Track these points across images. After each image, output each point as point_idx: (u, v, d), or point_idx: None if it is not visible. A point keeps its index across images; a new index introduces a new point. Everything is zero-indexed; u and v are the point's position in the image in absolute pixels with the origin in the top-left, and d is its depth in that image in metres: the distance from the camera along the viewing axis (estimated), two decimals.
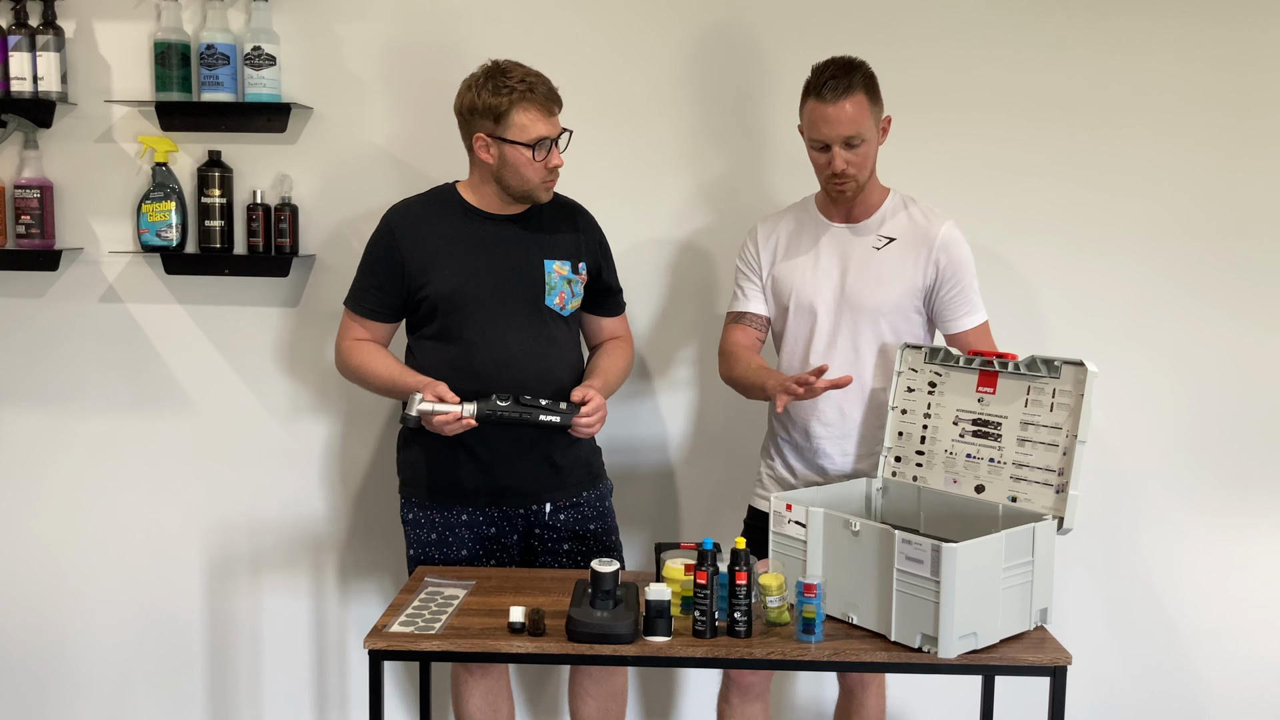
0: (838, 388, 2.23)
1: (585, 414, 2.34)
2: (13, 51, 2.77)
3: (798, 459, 2.50)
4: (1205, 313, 2.88)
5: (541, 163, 2.37)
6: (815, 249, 2.45)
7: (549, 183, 2.41)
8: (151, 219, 2.83)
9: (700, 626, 1.99)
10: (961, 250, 2.40)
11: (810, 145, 2.36)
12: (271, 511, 3.01)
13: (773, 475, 2.55)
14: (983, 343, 2.41)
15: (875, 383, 2.43)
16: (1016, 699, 2.66)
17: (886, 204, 2.45)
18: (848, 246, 2.43)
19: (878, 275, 2.40)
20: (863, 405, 2.43)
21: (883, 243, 2.42)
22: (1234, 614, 2.97)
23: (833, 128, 2.29)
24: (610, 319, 2.64)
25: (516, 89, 2.33)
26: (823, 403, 2.43)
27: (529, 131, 2.34)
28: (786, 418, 2.50)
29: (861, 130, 2.30)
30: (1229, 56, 2.80)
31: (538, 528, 2.51)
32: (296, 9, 2.84)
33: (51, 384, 2.97)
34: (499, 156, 2.38)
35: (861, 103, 2.30)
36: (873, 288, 2.39)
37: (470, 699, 2.53)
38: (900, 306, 2.40)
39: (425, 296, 2.43)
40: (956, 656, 1.91)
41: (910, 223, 2.42)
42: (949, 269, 2.38)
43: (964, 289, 2.40)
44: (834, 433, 2.45)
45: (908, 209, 2.44)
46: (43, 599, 3.04)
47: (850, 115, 2.29)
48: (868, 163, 2.36)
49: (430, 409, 2.28)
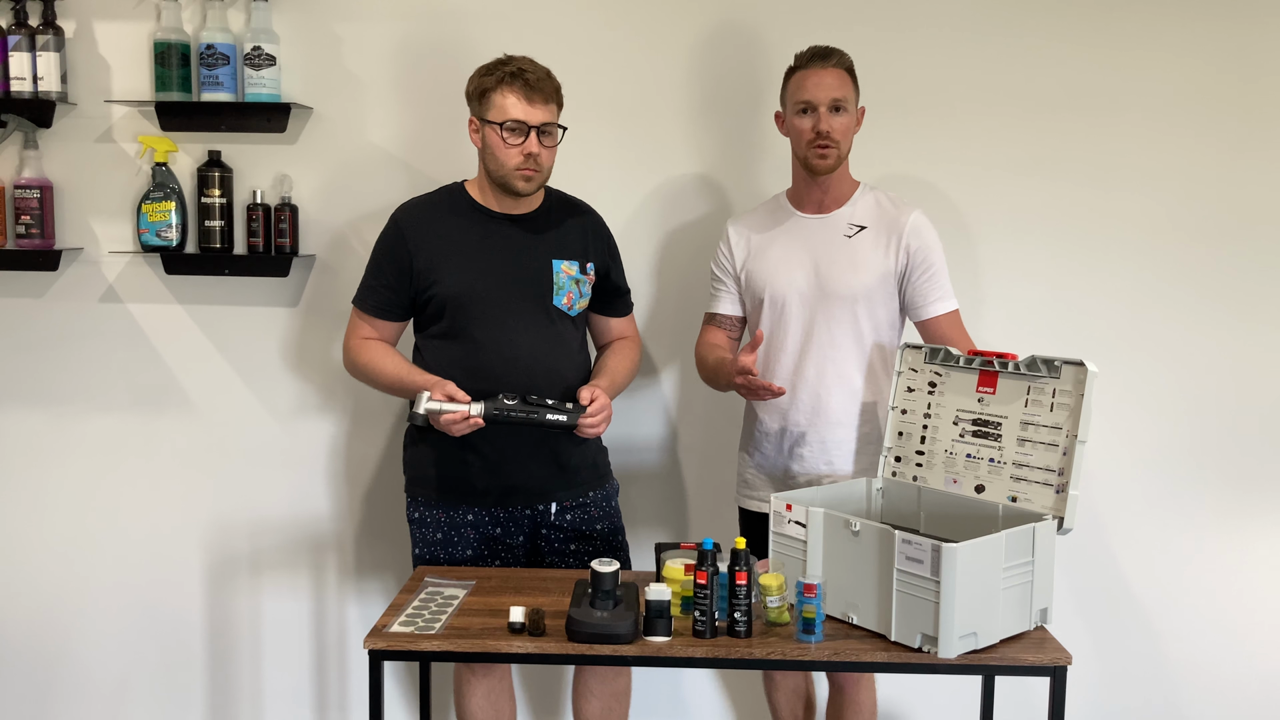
0: (773, 395, 2.31)
1: (591, 414, 2.34)
2: (13, 51, 2.77)
3: (776, 451, 2.52)
4: (1205, 312, 2.88)
5: (516, 148, 2.35)
6: (788, 241, 2.50)
7: (524, 171, 2.38)
8: (151, 219, 2.83)
9: (700, 626, 1.99)
10: (930, 236, 2.45)
11: (794, 113, 2.42)
12: (271, 511, 3.01)
13: (753, 467, 2.58)
14: (955, 330, 2.45)
15: (852, 371, 2.46)
16: (1016, 699, 2.66)
17: (856, 194, 2.50)
18: (819, 235, 2.47)
19: (851, 262, 2.44)
20: (842, 394, 2.46)
21: (854, 230, 2.46)
22: (1234, 614, 2.97)
23: (821, 89, 2.38)
24: (618, 319, 2.64)
25: (505, 72, 2.36)
26: (800, 390, 2.46)
27: (504, 112, 2.35)
28: (764, 410, 2.52)
29: (846, 97, 2.40)
30: (1228, 56, 2.80)
31: (544, 528, 2.51)
32: (296, 9, 2.84)
33: (51, 384, 2.97)
34: (482, 140, 2.40)
35: (845, 77, 2.42)
36: (846, 274, 2.43)
37: (472, 698, 2.53)
38: (874, 292, 2.44)
39: (433, 295, 2.43)
40: (956, 656, 1.91)
41: (879, 210, 2.47)
42: (919, 253, 2.43)
43: (934, 274, 2.44)
44: (814, 422, 2.47)
45: (876, 198, 2.50)
46: (43, 598, 3.04)
47: (835, 80, 2.39)
48: (848, 135, 2.42)
49: (438, 408, 2.28)
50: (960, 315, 2.48)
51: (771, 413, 2.51)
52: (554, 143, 2.41)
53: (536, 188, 2.42)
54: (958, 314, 2.47)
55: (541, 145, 2.37)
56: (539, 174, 2.40)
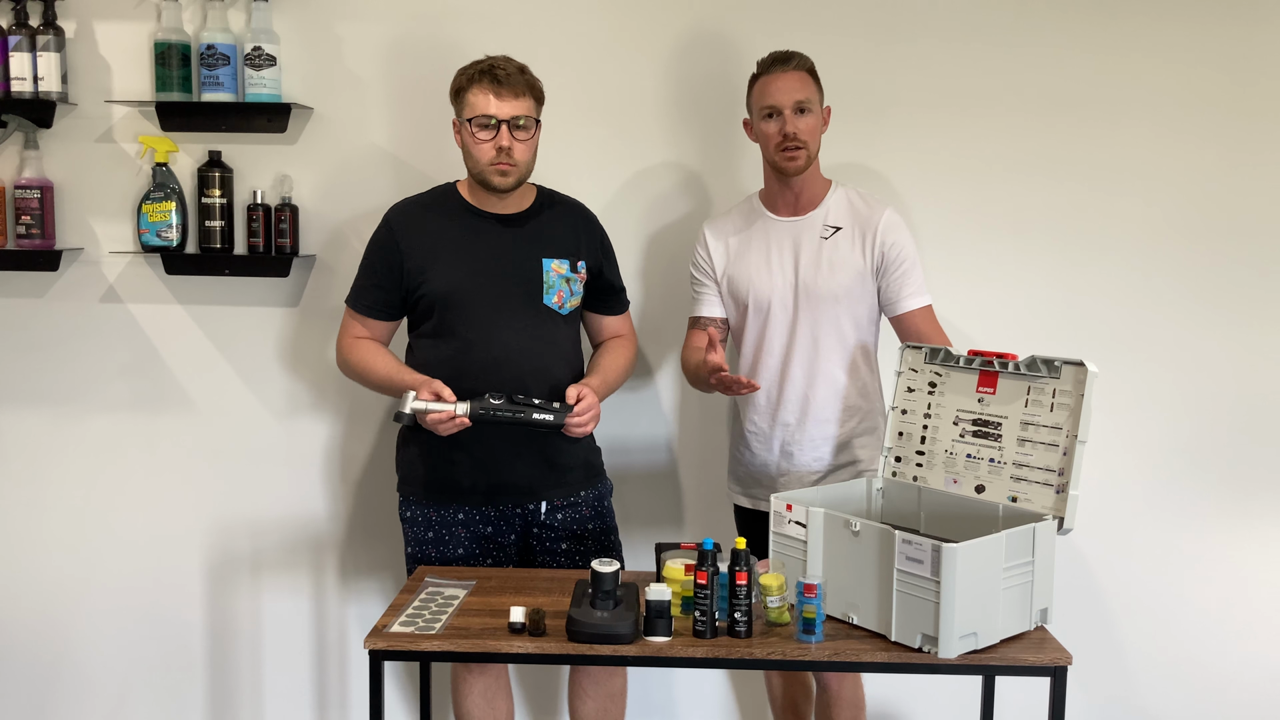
0: (750, 388, 2.33)
1: (577, 413, 2.34)
2: (13, 52, 2.77)
3: (766, 449, 2.54)
4: (1205, 313, 2.88)
5: (488, 143, 2.36)
6: (766, 244, 2.52)
7: (499, 165, 2.38)
8: (152, 219, 2.83)
9: (700, 627, 1.99)
10: (903, 234, 2.48)
11: (760, 119, 2.46)
12: (272, 511, 3.01)
13: (742, 466, 2.60)
14: (929, 324, 2.49)
15: (836, 369, 2.49)
16: (1017, 699, 2.66)
17: (830, 195, 2.52)
18: (797, 238, 2.50)
19: (829, 263, 2.47)
20: (828, 392, 2.49)
21: (829, 232, 2.49)
22: (1235, 614, 2.97)
23: (783, 92, 2.42)
24: (613, 318, 2.64)
25: (476, 70, 2.38)
26: (788, 390, 2.50)
27: (475, 108, 2.36)
28: (753, 410, 2.53)
29: (810, 98, 2.43)
30: (1228, 58, 2.80)
31: (535, 527, 2.51)
32: (297, 9, 2.84)
33: (52, 384, 2.97)
34: (461, 139, 2.42)
35: (806, 78, 2.45)
36: (826, 276, 2.46)
37: (469, 697, 2.54)
38: (852, 292, 2.47)
39: (423, 294, 2.44)
40: (957, 657, 1.91)
41: (852, 211, 2.50)
42: (892, 251, 2.46)
43: (907, 271, 2.47)
44: (803, 420, 2.50)
45: (849, 198, 2.52)
46: (44, 599, 3.04)
47: (798, 82, 2.43)
48: (816, 134, 2.45)
49: (424, 407, 2.28)
50: (933, 310, 2.51)
51: (761, 412, 2.54)
52: (528, 136, 2.39)
53: (515, 183, 2.42)
54: (931, 309, 2.50)
55: (514, 139, 2.36)
56: (515, 169, 2.39)
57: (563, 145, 2.77)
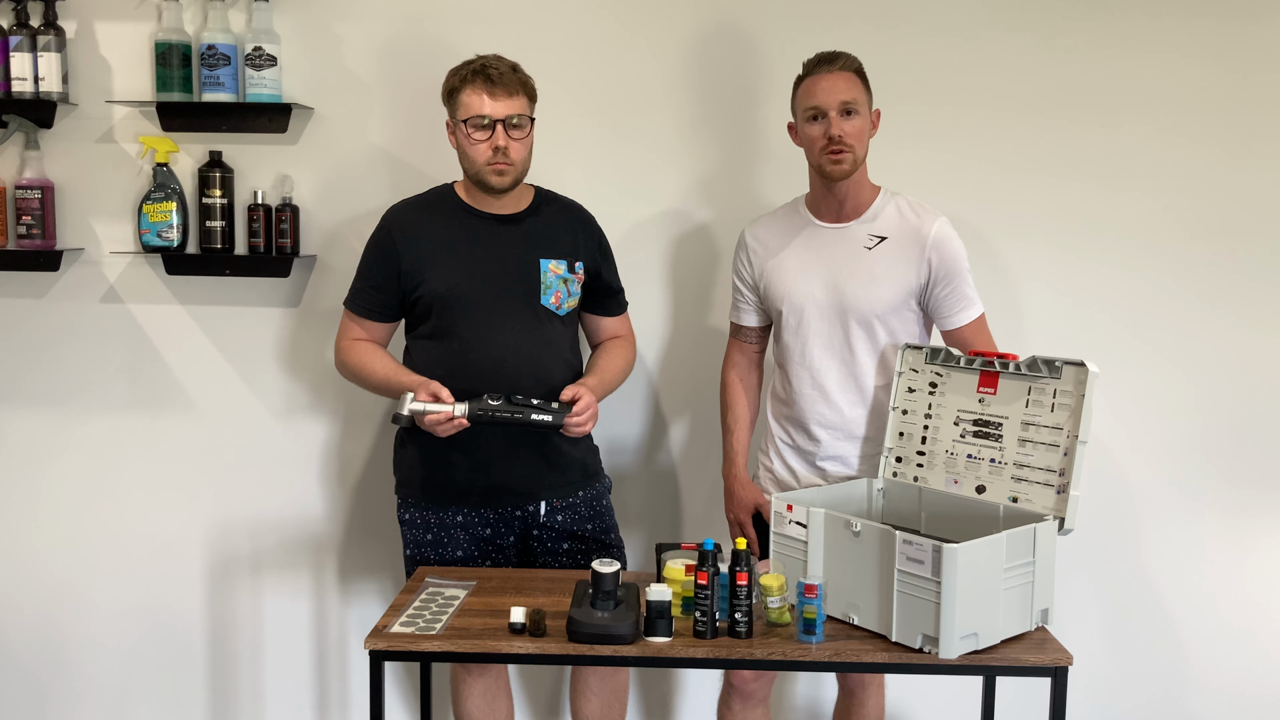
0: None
1: (575, 413, 2.33)
2: (14, 52, 2.77)
3: (798, 460, 2.51)
4: (1206, 312, 2.88)
5: (483, 143, 2.36)
6: (805, 251, 2.44)
7: (496, 165, 2.37)
8: (152, 219, 2.83)
9: (701, 627, 1.99)
10: (954, 247, 2.39)
11: (805, 120, 2.37)
12: (272, 512, 3.01)
13: (772, 476, 2.55)
14: (980, 337, 2.41)
15: (872, 384, 2.43)
16: (1017, 700, 2.66)
17: (877, 202, 2.43)
18: (839, 247, 2.42)
19: (870, 275, 2.38)
20: (864, 407, 2.43)
21: (874, 242, 2.40)
22: (1235, 615, 2.96)
23: (829, 94, 2.33)
24: (611, 318, 2.64)
25: (469, 70, 2.37)
26: (823, 405, 2.43)
27: (469, 109, 2.36)
28: (786, 421, 2.51)
29: (856, 99, 2.34)
30: (1229, 56, 2.80)
31: (535, 528, 2.51)
32: (297, 9, 2.84)
33: (52, 384, 2.97)
34: (456, 140, 2.41)
35: (854, 79, 2.36)
36: (866, 288, 2.38)
37: (469, 698, 2.54)
38: (895, 306, 2.38)
39: (421, 296, 2.44)
40: (957, 657, 1.91)
41: (901, 220, 2.40)
42: (942, 267, 2.37)
43: (958, 285, 2.39)
44: (835, 435, 2.45)
45: (898, 207, 2.42)
46: (43, 599, 3.04)
47: (845, 83, 2.34)
48: (863, 138, 2.36)
49: (421, 409, 2.28)
50: (985, 319, 2.44)
51: (794, 424, 2.49)
52: (523, 135, 2.39)
53: (511, 182, 2.41)
54: (983, 319, 2.43)
55: (510, 138, 2.36)
56: (511, 168, 2.39)
57: (563, 145, 2.77)
